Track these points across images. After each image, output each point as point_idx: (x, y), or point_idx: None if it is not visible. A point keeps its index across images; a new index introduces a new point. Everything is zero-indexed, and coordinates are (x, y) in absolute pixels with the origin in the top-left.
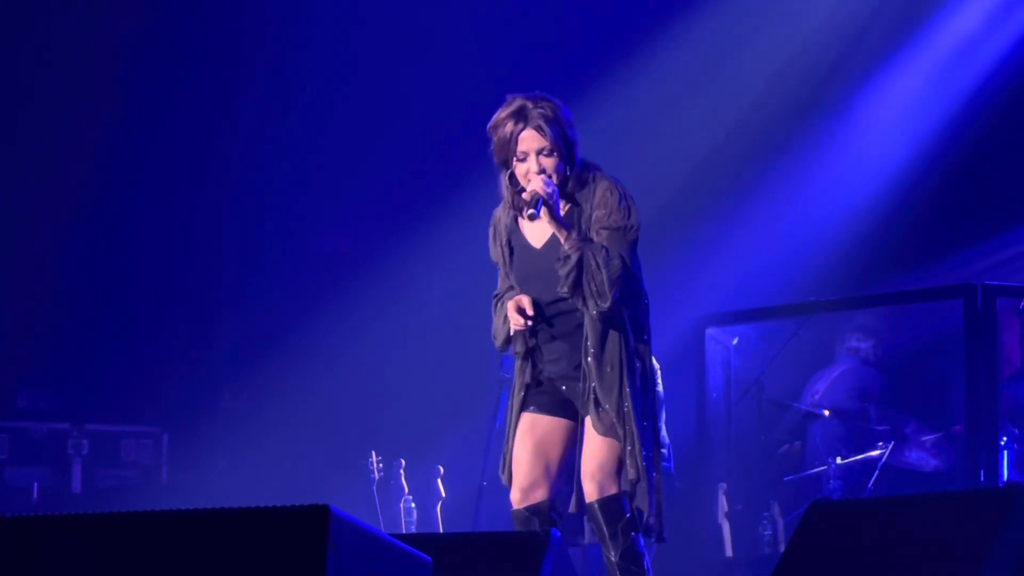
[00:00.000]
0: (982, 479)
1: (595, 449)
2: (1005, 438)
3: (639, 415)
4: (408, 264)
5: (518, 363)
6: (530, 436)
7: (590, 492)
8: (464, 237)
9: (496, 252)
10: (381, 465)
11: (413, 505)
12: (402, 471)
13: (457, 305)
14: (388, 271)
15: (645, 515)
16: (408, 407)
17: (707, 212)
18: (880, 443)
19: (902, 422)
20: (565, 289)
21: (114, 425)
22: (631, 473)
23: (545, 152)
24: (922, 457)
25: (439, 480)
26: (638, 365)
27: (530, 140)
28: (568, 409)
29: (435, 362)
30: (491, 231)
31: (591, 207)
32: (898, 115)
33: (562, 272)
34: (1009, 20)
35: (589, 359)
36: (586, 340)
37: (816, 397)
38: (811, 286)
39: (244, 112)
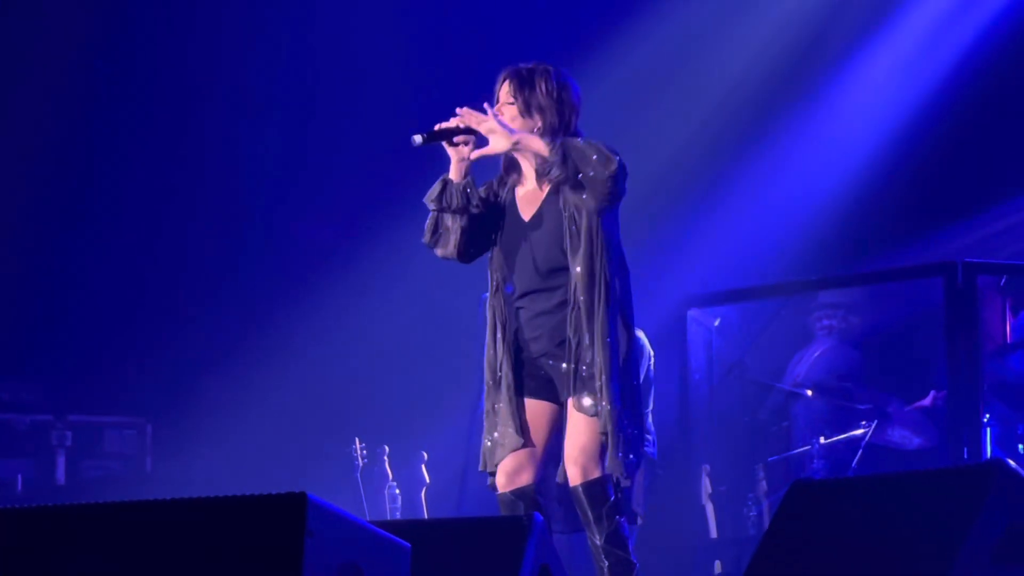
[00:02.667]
0: (965, 456)
1: (578, 432)
2: (988, 415)
3: (619, 389)
4: (391, 251)
5: (496, 340)
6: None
7: (574, 476)
8: None
9: (487, 187)
10: (365, 452)
11: (397, 491)
12: (386, 457)
13: (440, 291)
14: (370, 258)
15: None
16: (391, 394)
17: (688, 194)
18: (863, 422)
19: (884, 401)
20: (556, 171)
21: (97, 416)
22: (619, 448)
23: (509, 101)
24: (905, 435)
25: (423, 466)
26: (622, 340)
27: (501, 91)
28: (551, 390)
29: (418, 348)
30: (496, 180)
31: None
32: (875, 95)
33: (554, 159)
34: None
35: (575, 333)
36: (576, 312)
37: (798, 380)
38: (792, 266)
39: (227, 99)
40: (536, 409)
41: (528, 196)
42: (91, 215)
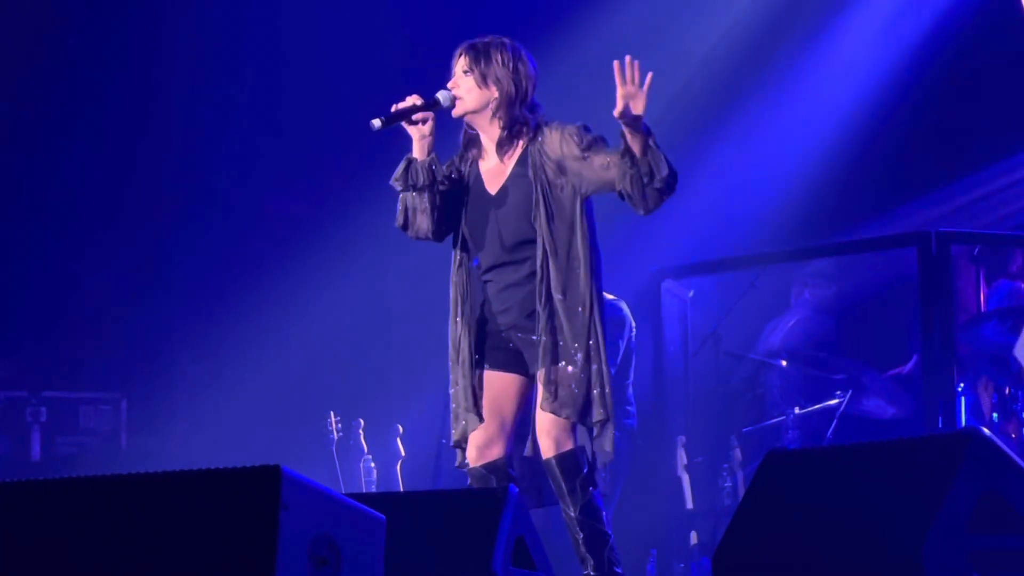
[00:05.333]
0: (940, 426)
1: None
2: (962, 384)
3: (605, 356)
4: (364, 225)
5: (456, 316)
6: (485, 396)
7: (546, 448)
8: None
9: (449, 165)
10: (340, 425)
11: (373, 465)
12: (361, 431)
13: (414, 264)
14: (345, 231)
15: (605, 459)
16: (366, 367)
17: None
18: (838, 392)
19: (859, 371)
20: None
21: (72, 392)
22: (598, 414)
23: (464, 70)
24: (880, 405)
25: (398, 439)
26: (596, 312)
27: (456, 63)
28: (519, 363)
29: (392, 321)
30: (457, 155)
31: (544, 150)
32: (847, 66)
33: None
34: None
35: (548, 303)
36: (546, 284)
37: (773, 349)
38: (766, 237)
39: (197, 73)
40: (504, 382)
41: (493, 170)
42: (62, 192)
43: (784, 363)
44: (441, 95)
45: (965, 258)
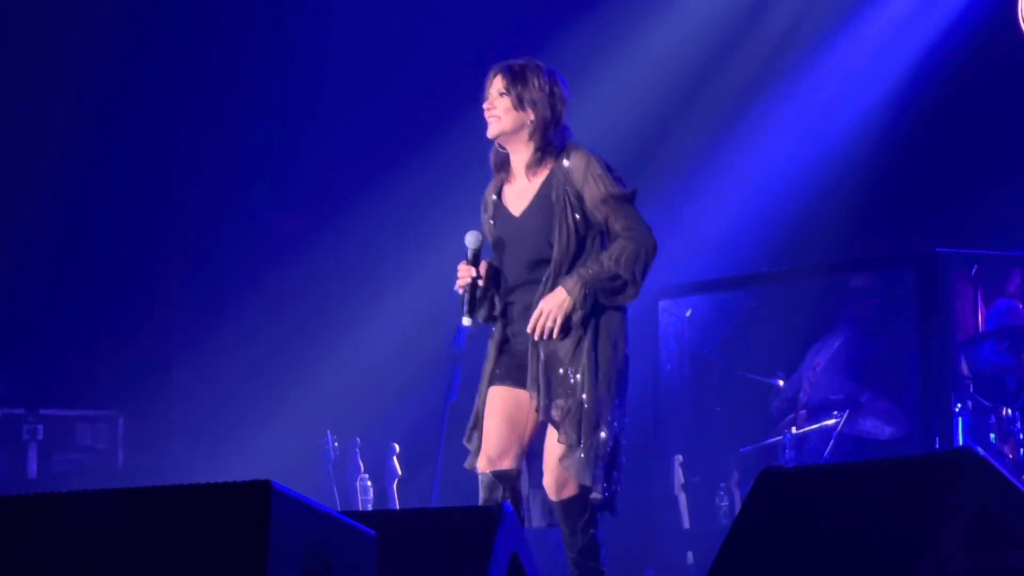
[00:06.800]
0: (937, 446)
1: (553, 444)
2: (959, 405)
3: (607, 380)
4: (362, 242)
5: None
6: (500, 408)
7: (551, 488)
8: (418, 215)
9: (484, 226)
10: (337, 444)
11: (369, 483)
12: (358, 449)
13: (411, 282)
14: (342, 249)
15: (604, 486)
16: (363, 385)
17: (658, 185)
18: (835, 412)
19: (856, 391)
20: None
21: (69, 410)
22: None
23: (501, 92)
24: (877, 425)
25: (395, 458)
26: (613, 323)
27: (492, 81)
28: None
29: (389, 340)
30: (481, 206)
31: (570, 176)
32: (845, 86)
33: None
34: None
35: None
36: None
37: (817, 370)
38: (764, 257)
39: (197, 89)
40: (521, 398)
41: (519, 191)
42: (62, 208)
43: (781, 383)
44: (471, 242)
45: (963, 278)
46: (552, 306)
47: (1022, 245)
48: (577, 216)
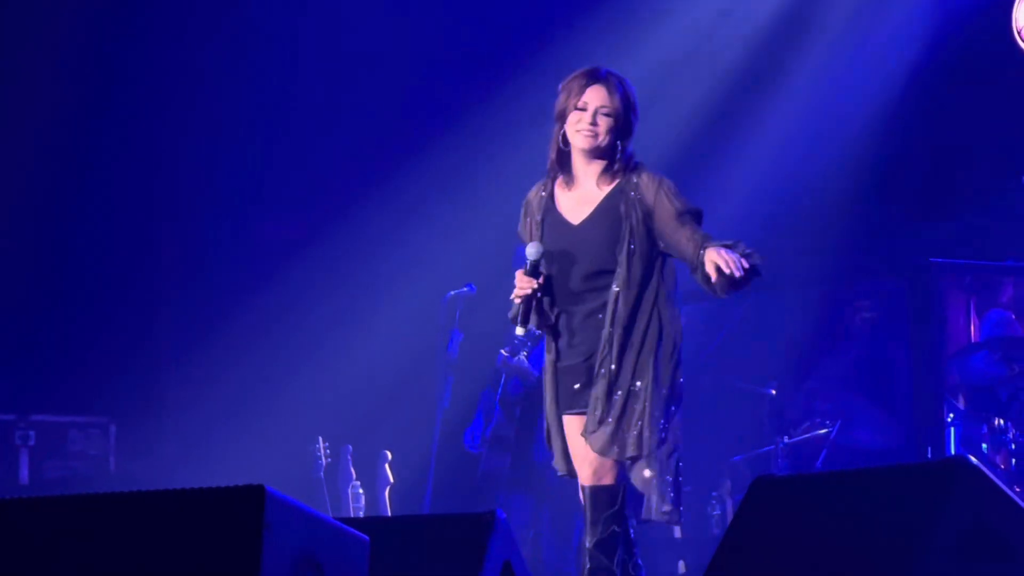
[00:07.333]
0: (929, 455)
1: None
2: (952, 415)
3: (666, 394)
4: (353, 249)
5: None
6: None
7: (585, 476)
8: (410, 224)
9: (525, 229)
10: (328, 451)
11: (361, 491)
12: (350, 456)
13: (404, 289)
14: (333, 257)
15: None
16: (355, 392)
17: None
18: (827, 421)
19: (849, 400)
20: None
21: (61, 416)
22: (632, 450)
23: (605, 111)
24: (869, 435)
25: (387, 465)
26: (671, 335)
27: (596, 94)
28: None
29: (382, 346)
30: (522, 209)
31: (640, 192)
32: (838, 94)
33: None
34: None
35: (612, 335)
36: (613, 315)
37: (836, 377)
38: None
39: (190, 96)
40: (578, 426)
41: (579, 198)
42: (54, 214)
43: (774, 392)
44: (531, 253)
45: (956, 288)
46: (727, 256)
47: (1015, 256)
48: (644, 231)
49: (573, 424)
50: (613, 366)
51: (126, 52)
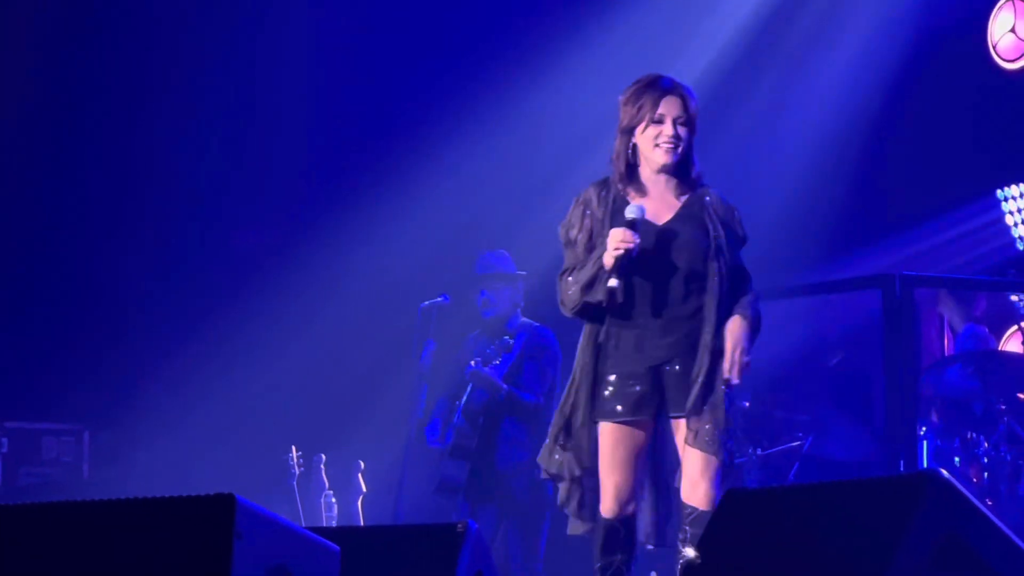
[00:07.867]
0: (902, 469)
1: (696, 454)
2: (924, 428)
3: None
4: (326, 259)
5: (588, 342)
6: (622, 448)
7: (699, 500)
8: (384, 234)
9: (581, 229)
10: (301, 460)
11: (334, 500)
12: (322, 466)
13: (376, 299)
14: (306, 266)
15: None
16: (328, 402)
17: None
18: (800, 434)
19: (822, 413)
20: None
21: (34, 423)
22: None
23: (682, 121)
24: (842, 448)
25: (359, 475)
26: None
27: (673, 105)
28: (646, 407)
29: (354, 356)
30: (578, 209)
31: (716, 209)
32: (812, 108)
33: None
34: (927, 11)
35: (708, 343)
36: (711, 323)
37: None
38: None
39: (163, 105)
40: (636, 433)
41: (654, 201)
42: (27, 222)
43: (747, 404)
44: (631, 213)
45: (930, 302)
46: (737, 358)
47: (988, 269)
48: (730, 245)
49: (630, 434)
50: (703, 377)
51: (100, 56)
